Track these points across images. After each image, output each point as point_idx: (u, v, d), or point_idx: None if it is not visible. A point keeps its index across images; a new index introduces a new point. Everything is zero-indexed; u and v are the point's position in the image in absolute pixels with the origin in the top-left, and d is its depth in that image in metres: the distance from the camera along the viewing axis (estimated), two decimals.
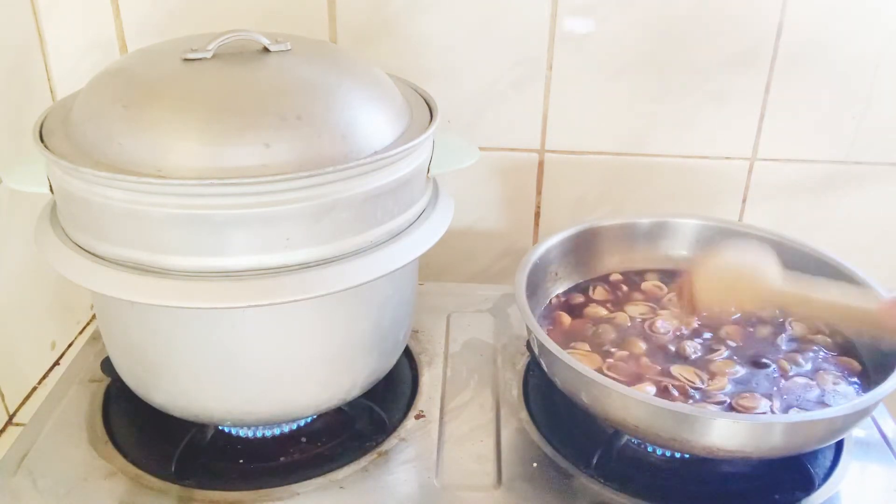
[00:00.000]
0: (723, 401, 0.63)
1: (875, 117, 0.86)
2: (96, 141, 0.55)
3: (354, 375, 0.66)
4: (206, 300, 0.55)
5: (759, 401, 0.63)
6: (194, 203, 0.53)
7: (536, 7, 0.83)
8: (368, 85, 0.62)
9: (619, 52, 0.85)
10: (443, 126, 0.63)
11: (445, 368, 0.77)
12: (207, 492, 0.63)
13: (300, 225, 0.55)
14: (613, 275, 0.80)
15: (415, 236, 0.61)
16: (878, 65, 0.84)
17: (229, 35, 0.60)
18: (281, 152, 0.53)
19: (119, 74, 0.60)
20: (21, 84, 0.78)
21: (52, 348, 0.86)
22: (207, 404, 0.63)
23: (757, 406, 0.62)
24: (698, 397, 0.63)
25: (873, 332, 0.63)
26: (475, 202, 0.93)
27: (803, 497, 0.62)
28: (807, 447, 0.61)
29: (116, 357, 0.67)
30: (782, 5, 0.82)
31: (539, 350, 0.65)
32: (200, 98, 0.56)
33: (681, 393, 0.63)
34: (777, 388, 0.65)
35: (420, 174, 0.62)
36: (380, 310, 0.65)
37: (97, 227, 0.56)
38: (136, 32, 0.86)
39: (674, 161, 0.90)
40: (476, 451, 0.67)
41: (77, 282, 0.57)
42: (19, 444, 0.67)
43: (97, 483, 0.63)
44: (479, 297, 0.87)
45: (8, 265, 0.77)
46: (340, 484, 0.64)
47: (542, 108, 0.88)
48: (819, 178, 0.90)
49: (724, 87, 0.86)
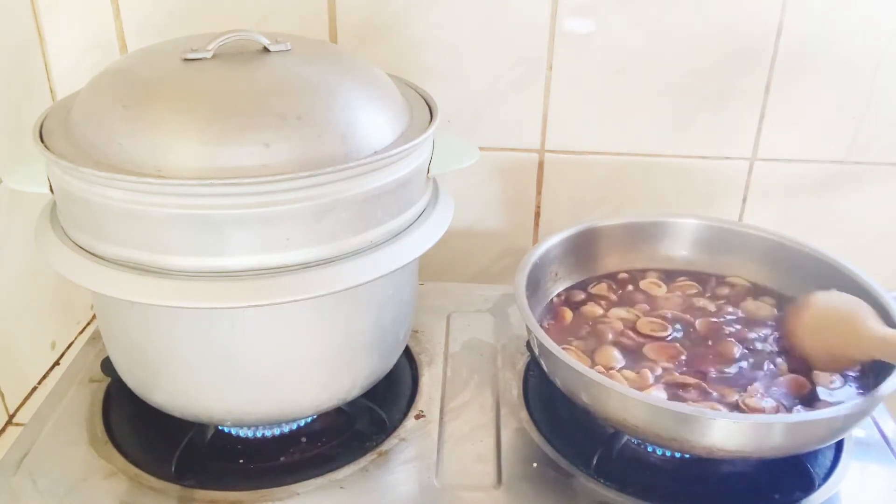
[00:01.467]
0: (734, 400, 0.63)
1: (875, 117, 0.86)
2: (96, 141, 0.55)
3: (354, 375, 0.66)
4: (206, 300, 0.55)
5: (765, 400, 0.63)
6: (194, 203, 0.53)
7: (536, 7, 0.83)
8: (368, 85, 0.62)
9: (619, 52, 0.85)
10: (443, 126, 0.63)
11: (445, 368, 0.77)
12: (207, 492, 0.63)
13: (300, 225, 0.55)
14: (621, 274, 0.80)
15: (415, 236, 0.61)
16: (878, 65, 0.84)
17: (229, 35, 0.60)
18: (281, 152, 0.53)
19: (119, 74, 0.60)
20: (21, 84, 0.78)
21: (52, 348, 0.86)
22: (207, 404, 0.63)
23: (763, 407, 0.62)
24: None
25: None
26: (475, 202, 0.93)
27: (803, 497, 0.62)
28: (807, 447, 0.61)
29: (116, 357, 0.67)
30: (782, 5, 0.82)
31: (539, 350, 0.65)
32: (200, 98, 0.56)
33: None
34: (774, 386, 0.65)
35: (420, 174, 0.62)
36: (380, 310, 0.65)
37: (97, 227, 0.56)
38: (136, 32, 0.86)
39: (674, 161, 0.90)
40: (476, 451, 0.67)
41: (77, 282, 0.57)
42: (19, 444, 0.67)
43: (97, 483, 0.63)
44: (479, 297, 0.87)
45: (8, 265, 0.77)
46: (340, 484, 0.64)
47: (542, 108, 0.88)
48: (819, 178, 0.90)
49: (724, 87, 0.86)
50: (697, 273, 0.79)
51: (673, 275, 0.79)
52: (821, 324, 0.66)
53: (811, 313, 0.66)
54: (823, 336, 0.65)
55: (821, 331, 0.65)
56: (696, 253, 0.80)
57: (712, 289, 0.78)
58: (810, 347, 0.66)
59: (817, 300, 0.67)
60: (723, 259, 0.79)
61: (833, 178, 0.90)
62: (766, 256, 0.78)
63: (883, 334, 0.61)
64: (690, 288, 0.77)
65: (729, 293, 0.77)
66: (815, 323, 0.66)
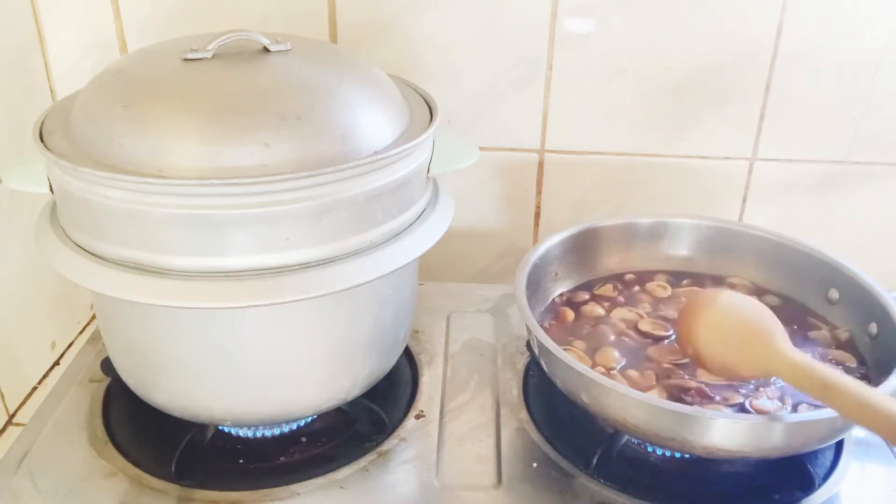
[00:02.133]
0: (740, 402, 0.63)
1: (875, 117, 0.86)
2: (96, 141, 0.55)
3: (354, 375, 0.66)
4: (206, 300, 0.55)
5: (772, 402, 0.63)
6: (194, 203, 0.53)
7: (536, 7, 0.83)
8: (368, 85, 0.62)
9: (619, 52, 0.85)
10: (443, 126, 0.63)
11: (445, 368, 0.77)
12: (207, 492, 0.63)
13: (300, 225, 0.55)
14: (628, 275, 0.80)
15: (415, 236, 0.61)
16: (878, 65, 0.84)
17: (229, 35, 0.60)
18: (281, 152, 0.53)
19: (119, 74, 0.60)
20: (21, 84, 0.78)
21: (52, 348, 0.86)
22: (207, 404, 0.63)
23: (770, 408, 0.62)
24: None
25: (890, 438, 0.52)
26: (475, 202, 0.93)
27: (803, 497, 0.62)
28: (807, 447, 0.61)
29: (116, 357, 0.67)
30: (782, 5, 0.82)
31: (539, 350, 0.65)
32: (200, 98, 0.56)
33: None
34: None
35: (420, 174, 0.62)
36: (380, 310, 0.65)
37: (97, 227, 0.56)
38: (136, 32, 0.86)
39: (674, 161, 0.90)
40: (476, 451, 0.67)
41: (77, 282, 0.57)
42: (19, 444, 0.67)
43: (97, 483, 0.63)
44: (479, 297, 0.87)
45: (8, 265, 0.77)
46: (340, 484, 0.64)
47: (542, 108, 0.88)
48: (819, 178, 0.90)
49: (724, 87, 0.86)
50: (702, 275, 0.80)
51: (680, 277, 0.79)
52: (721, 326, 0.62)
53: (714, 312, 0.62)
54: (721, 340, 0.61)
55: (719, 334, 0.61)
56: (696, 253, 0.80)
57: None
58: (704, 349, 0.62)
59: (722, 299, 0.63)
60: (723, 259, 0.80)
61: (833, 178, 0.90)
62: (766, 256, 0.78)
63: (793, 359, 0.56)
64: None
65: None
66: (715, 324, 0.62)
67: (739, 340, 0.60)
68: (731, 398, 0.63)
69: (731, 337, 0.61)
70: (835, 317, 0.73)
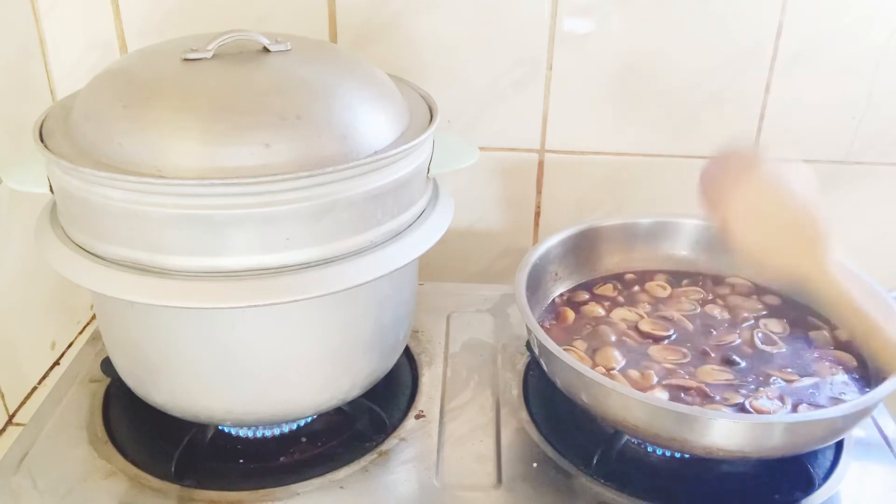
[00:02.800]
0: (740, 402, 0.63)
1: (875, 117, 0.86)
2: (96, 141, 0.55)
3: (354, 375, 0.66)
4: (206, 300, 0.55)
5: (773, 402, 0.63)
6: (194, 203, 0.53)
7: (536, 7, 0.83)
8: (368, 85, 0.62)
9: (620, 52, 0.85)
10: (443, 126, 0.63)
11: (445, 368, 0.77)
12: (207, 492, 0.63)
13: (300, 225, 0.55)
14: (628, 275, 0.80)
15: (415, 236, 0.61)
16: (878, 65, 0.84)
17: (229, 35, 0.60)
18: (281, 152, 0.53)
19: (119, 74, 0.60)
20: (21, 84, 0.78)
21: (52, 348, 0.86)
22: (207, 404, 0.63)
23: (770, 409, 0.62)
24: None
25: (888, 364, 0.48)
26: (475, 202, 0.93)
27: (803, 497, 0.62)
28: (807, 447, 0.61)
29: (116, 357, 0.67)
30: (782, 5, 0.82)
31: (539, 350, 0.65)
32: (200, 98, 0.56)
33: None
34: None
35: (420, 174, 0.62)
36: (379, 310, 0.65)
37: (97, 227, 0.56)
38: (136, 32, 0.86)
39: (674, 161, 0.90)
40: (476, 451, 0.67)
41: (77, 282, 0.57)
42: (19, 444, 0.67)
43: (97, 483, 0.63)
44: (479, 297, 0.87)
45: (8, 265, 0.77)
46: (340, 484, 0.64)
47: (542, 108, 0.88)
48: (819, 178, 0.90)
49: (724, 87, 0.86)
50: (702, 275, 0.79)
51: (680, 277, 0.79)
52: (760, 205, 0.50)
53: (756, 186, 0.51)
54: (757, 225, 0.50)
55: (757, 216, 0.50)
56: (696, 253, 0.80)
57: (712, 289, 0.78)
58: (734, 224, 0.51)
59: (768, 168, 0.51)
60: (723, 259, 0.79)
61: (833, 178, 0.90)
62: None
63: (835, 277, 0.47)
64: (695, 293, 0.77)
65: (729, 293, 0.77)
66: (754, 199, 0.50)
67: (780, 229, 0.50)
68: (731, 398, 0.63)
69: (769, 223, 0.51)
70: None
